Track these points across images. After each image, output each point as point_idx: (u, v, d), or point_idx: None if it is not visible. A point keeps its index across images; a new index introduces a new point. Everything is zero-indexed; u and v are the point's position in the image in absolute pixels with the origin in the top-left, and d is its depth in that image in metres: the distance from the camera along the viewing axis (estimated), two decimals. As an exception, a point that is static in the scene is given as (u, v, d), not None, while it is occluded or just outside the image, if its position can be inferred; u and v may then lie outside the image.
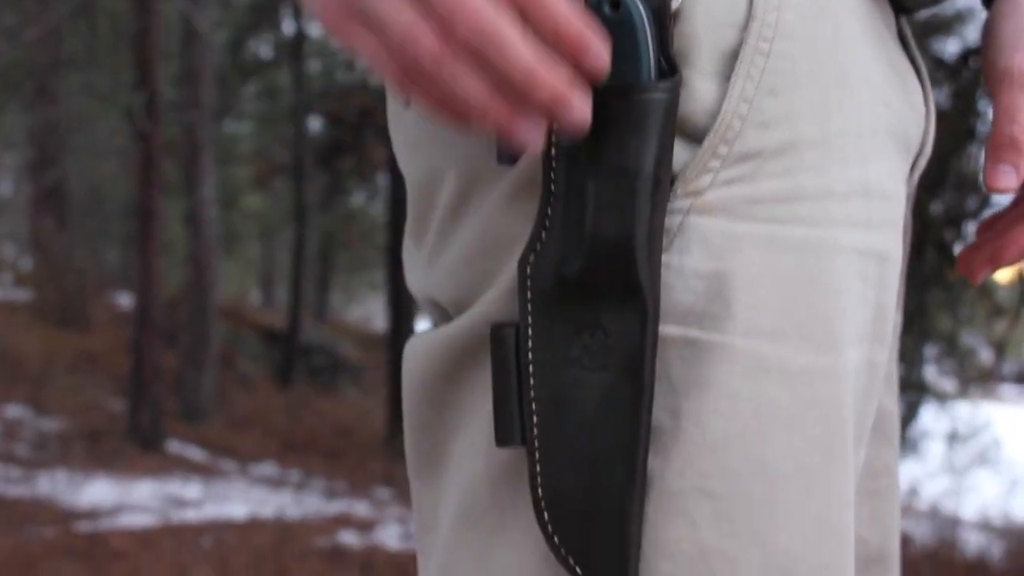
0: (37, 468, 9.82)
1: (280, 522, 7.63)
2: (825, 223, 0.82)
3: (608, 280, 0.77)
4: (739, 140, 0.79)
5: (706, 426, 0.78)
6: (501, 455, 0.84)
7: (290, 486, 10.88)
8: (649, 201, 0.76)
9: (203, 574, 5.53)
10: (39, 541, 6.42)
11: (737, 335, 0.78)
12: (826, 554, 0.81)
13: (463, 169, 0.88)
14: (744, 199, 0.80)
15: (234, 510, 8.38)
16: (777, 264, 0.79)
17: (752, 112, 0.79)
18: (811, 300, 0.81)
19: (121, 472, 10.06)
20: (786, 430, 0.79)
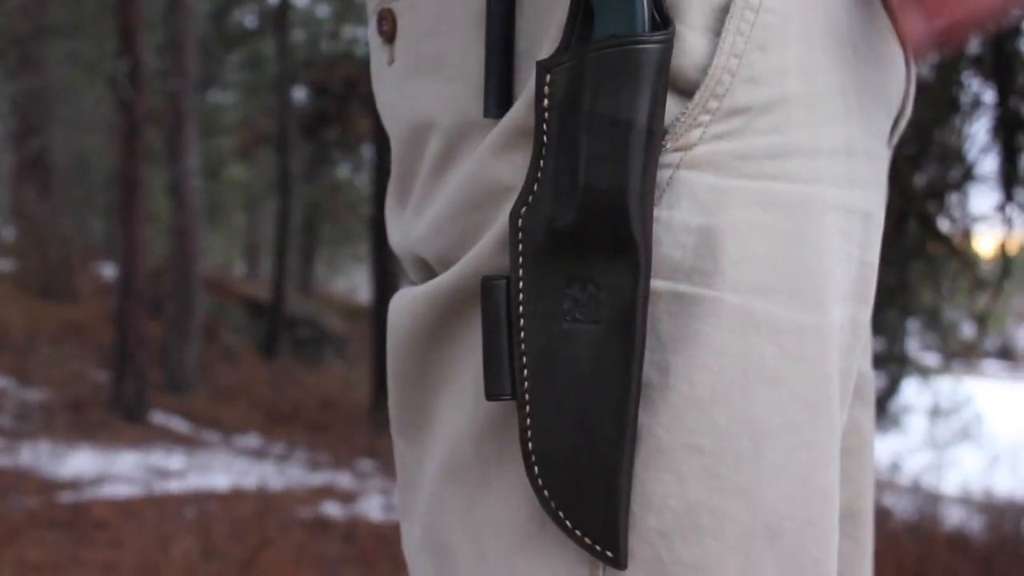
0: (20, 439, 9.79)
1: (263, 493, 7.63)
2: (813, 180, 0.82)
3: (601, 233, 0.77)
4: (729, 95, 0.79)
5: (694, 382, 0.78)
6: (486, 410, 0.84)
7: (273, 458, 10.87)
8: (642, 154, 0.76)
9: (186, 544, 5.53)
10: (21, 511, 6.42)
11: (726, 290, 0.78)
12: (811, 511, 0.81)
13: (450, 122, 0.89)
14: (733, 154, 0.79)
15: (217, 481, 8.37)
16: (766, 220, 0.80)
17: (742, 67, 0.79)
18: (799, 256, 0.81)
19: (104, 443, 10.05)
20: (773, 387, 0.79)
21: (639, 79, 0.75)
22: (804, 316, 0.80)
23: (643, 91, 0.75)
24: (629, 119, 0.75)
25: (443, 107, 0.89)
